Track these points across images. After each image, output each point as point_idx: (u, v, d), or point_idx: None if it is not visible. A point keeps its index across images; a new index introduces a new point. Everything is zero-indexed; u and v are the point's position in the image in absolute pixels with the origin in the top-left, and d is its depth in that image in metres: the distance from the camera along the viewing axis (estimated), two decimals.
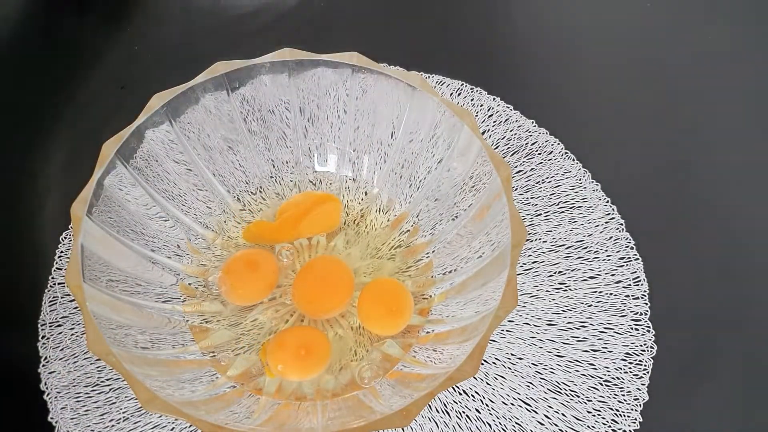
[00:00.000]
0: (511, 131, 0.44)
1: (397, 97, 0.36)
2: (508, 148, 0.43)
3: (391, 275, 0.37)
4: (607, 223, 0.41)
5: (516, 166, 0.42)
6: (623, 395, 0.35)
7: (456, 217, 0.37)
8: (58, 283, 0.38)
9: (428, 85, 0.35)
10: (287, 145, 0.40)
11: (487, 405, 0.35)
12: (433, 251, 0.38)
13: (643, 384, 0.36)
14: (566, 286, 0.38)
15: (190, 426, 0.34)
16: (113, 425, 0.34)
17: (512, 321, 0.37)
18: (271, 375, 0.33)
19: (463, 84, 0.46)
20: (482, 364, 0.36)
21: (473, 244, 0.35)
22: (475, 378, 0.36)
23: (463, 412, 0.35)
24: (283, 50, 0.36)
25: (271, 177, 0.40)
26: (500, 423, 0.35)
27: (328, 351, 0.34)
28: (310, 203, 0.39)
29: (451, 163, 0.36)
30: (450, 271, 0.37)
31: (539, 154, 0.43)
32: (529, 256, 0.39)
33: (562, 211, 0.41)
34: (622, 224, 0.40)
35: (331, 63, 0.36)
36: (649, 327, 0.37)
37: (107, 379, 0.35)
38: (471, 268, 0.34)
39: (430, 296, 0.36)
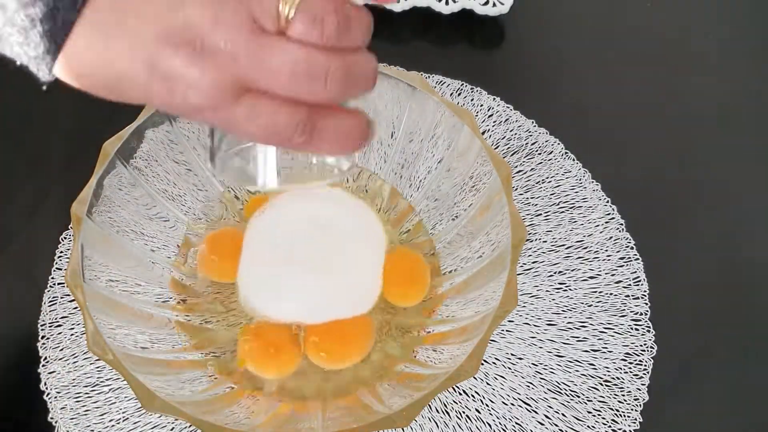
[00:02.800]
0: (511, 131, 0.44)
1: (397, 97, 0.36)
2: (508, 148, 0.43)
3: None
4: (607, 223, 0.41)
5: (516, 166, 0.42)
6: (623, 395, 0.35)
7: (456, 217, 0.37)
8: (58, 283, 0.38)
9: (428, 85, 0.35)
10: None
11: (487, 405, 0.35)
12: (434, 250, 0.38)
13: (643, 384, 0.36)
14: (566, 286, 0.38)
15: (190, 426, 0.34)
16: (113, 425, 0.34)
17: (512, 321, 0.37)
18: (240, 364, 0.33)
19: (463, 84, 0.46)
20: (482, 364, 0.36)
21: (473, 244, 0.35)
22: (475, 378, 0.36)
23: (463, 412, 0.35)
24: None
25: None
26: (500, 423, 0.35)
27: (298, 353, 0.33)
28: None
29: (451, 163, 0.36)
30: (450, 271, 0.37)
31: (539, 154, 0.43)
32: (529, 256, 0.39)
33: (562, 211, 0.41)
34: (622, 224, 0.40)
35: None
36: (649, 327, 0.37)
37: (107, 379, 0.35)
38: (471, 268, 0.34)
39: (431, 297, 0.36)
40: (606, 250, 0.39)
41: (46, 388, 0.35)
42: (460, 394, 0.35)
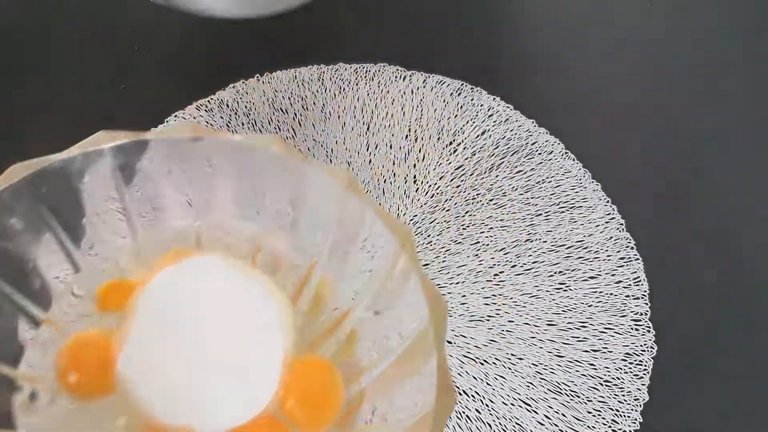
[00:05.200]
0: (511, 131, 0.44)
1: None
2: (508, 148, 0.43)
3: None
4: (607, 223, 0.41)
5: (516, 166, 0.42)
6: (623, 395, 0.35)
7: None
8: None
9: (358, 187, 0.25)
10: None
11: (487, 405, 0.35)
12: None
13: (643, 384, 0.36)
14: (566, 286, 0.38)
15: None
16: None
17: (512, 321, 0.37)
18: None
19: (463, 84, 0.46)
20: (482, 364, 0.36)
21: (386, 323, 0.26)
22: (475, 378, 0.36)
23: (463, 412, 0.35)
24: (97, 135, 0.26)
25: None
26: (500, 423, 0.35)
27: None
28: None
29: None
30: (369, 362, 0.27)
31: (539, 154, 0.43)
32: (529, 256, 0.39)
33: (562, 211, 0.41)
34: (622, 224, 0.40)
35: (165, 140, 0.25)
36: (649, 327, 0.37)
37: None
38: (391, 356, 0.25)
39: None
40: (606, 250, 0.40)
41: None
42: (460, 394, 0.35)
